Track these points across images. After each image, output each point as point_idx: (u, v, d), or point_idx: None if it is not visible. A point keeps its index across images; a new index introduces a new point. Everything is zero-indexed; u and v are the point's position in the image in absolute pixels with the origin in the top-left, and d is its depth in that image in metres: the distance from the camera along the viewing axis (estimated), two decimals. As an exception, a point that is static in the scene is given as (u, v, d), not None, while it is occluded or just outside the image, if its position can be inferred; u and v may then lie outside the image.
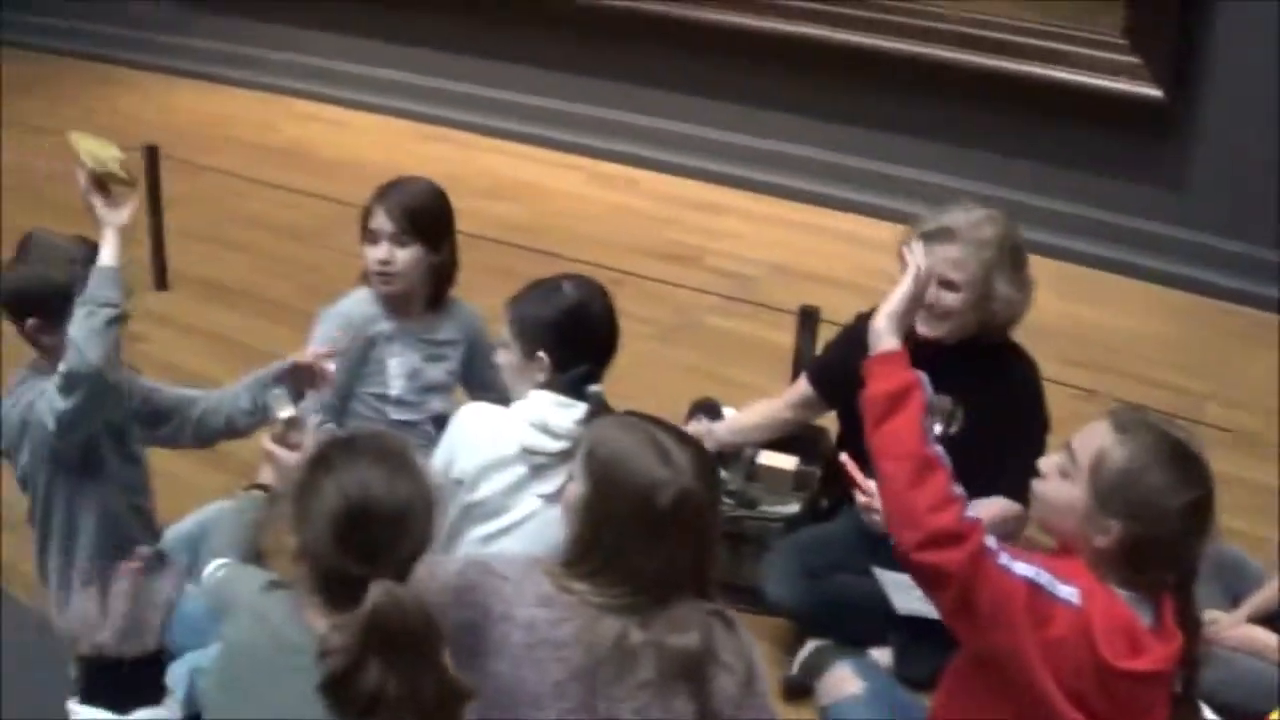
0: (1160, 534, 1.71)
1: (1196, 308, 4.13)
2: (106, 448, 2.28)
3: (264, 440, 2.08)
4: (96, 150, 2.19)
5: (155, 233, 3.90)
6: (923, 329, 2.39)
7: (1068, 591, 1.69)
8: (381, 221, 2.52)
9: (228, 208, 4.59)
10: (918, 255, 1.98)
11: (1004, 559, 1.71)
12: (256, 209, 4.60)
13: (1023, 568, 1.70)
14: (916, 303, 2.00)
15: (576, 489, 1.74)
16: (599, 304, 2.26)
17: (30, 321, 2.20)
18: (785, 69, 4.66)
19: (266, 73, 5.93)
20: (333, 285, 3.74)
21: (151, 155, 3.91)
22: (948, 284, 2.41)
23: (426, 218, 2.56)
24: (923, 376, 1.87)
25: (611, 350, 2.28)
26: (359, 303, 2.59)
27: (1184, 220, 4.20)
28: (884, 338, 1.90)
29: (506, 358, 2.27)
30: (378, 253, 2.52)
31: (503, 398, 2.29)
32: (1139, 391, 3.35)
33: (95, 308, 2.08)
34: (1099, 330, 3.88)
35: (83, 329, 2.07)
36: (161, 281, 3.92)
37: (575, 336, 2.21)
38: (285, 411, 2.10)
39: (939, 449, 1.82)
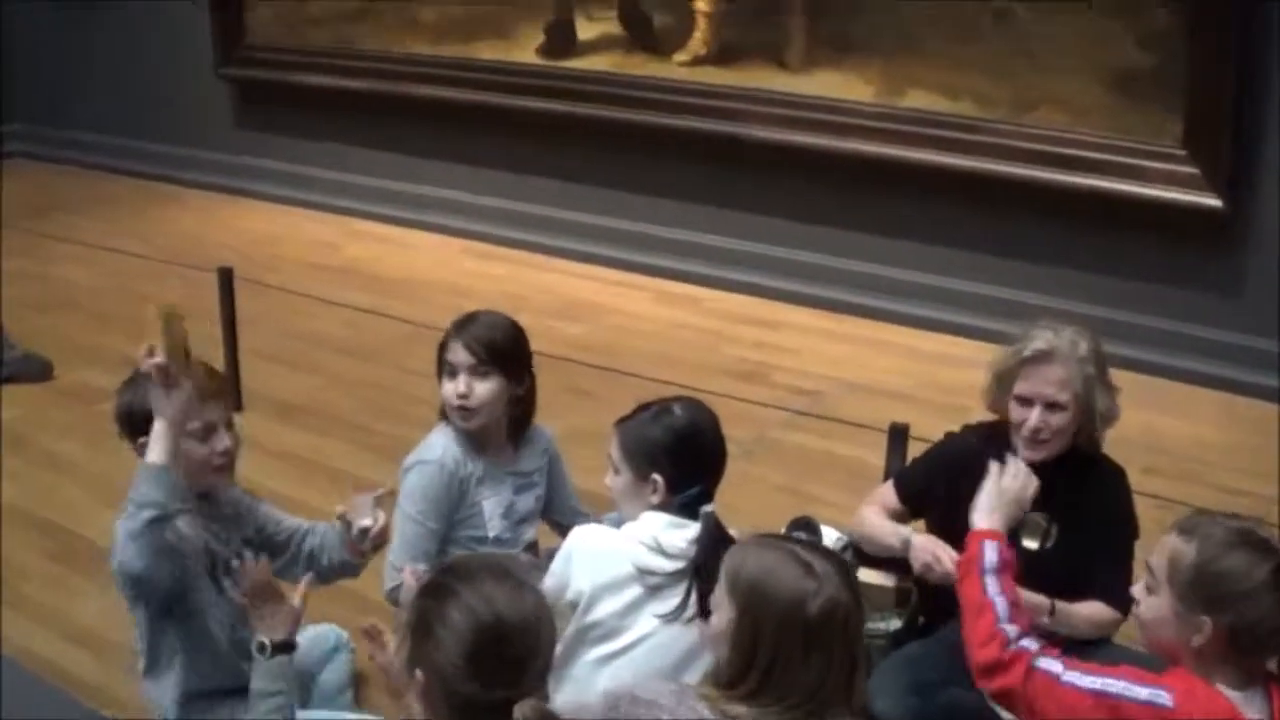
0: (1249, 614, 1.73)
1: (1262, 413, 4.08)
2: (197, 587, 2.23)
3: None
4: (172, 333, 2.14)
5: (230, 353, 3.92)
6: (1028, 454, 2.36)
7: (1150, 693, 1.73)
8: (459, 354, 2.49)
9: (293, 326, 4.62)
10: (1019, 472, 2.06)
11: (1068, 675, 1.81)
12: (321, 328, 4.62)
13: (1090, 680, 1.78)
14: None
15: (724, 616, 1.73)
16: (709, 425, 2.25)
17: (141, 441, 2.19)
18: (841, 185, 4.70)
19: (325, 192, 6.00)
20: (400, 404, 3.80)
21: (225, 278, 3.95)
22: (1053, 406, 2.38)
23: (504, 349, 2.52)
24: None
25: (722, 470, 2.27)
26: (445, 450, 2.52)
27: (1246, 326, 4.18)
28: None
29: (617, 480, 2.24)
30: (456, 386, 2.49)
31: (576, 516, 2.27)
32: (1209, 497, 3.32)
33: (136, 508, 2.04)
34: (1167, 438, 3.86)
35: (123, 529, 2.04)
36: (237, 401, 3.93)
37: (687, 457, 2.20)
38: None
39: (993, 589, 1.97)
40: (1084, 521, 2.41)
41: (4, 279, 4.73)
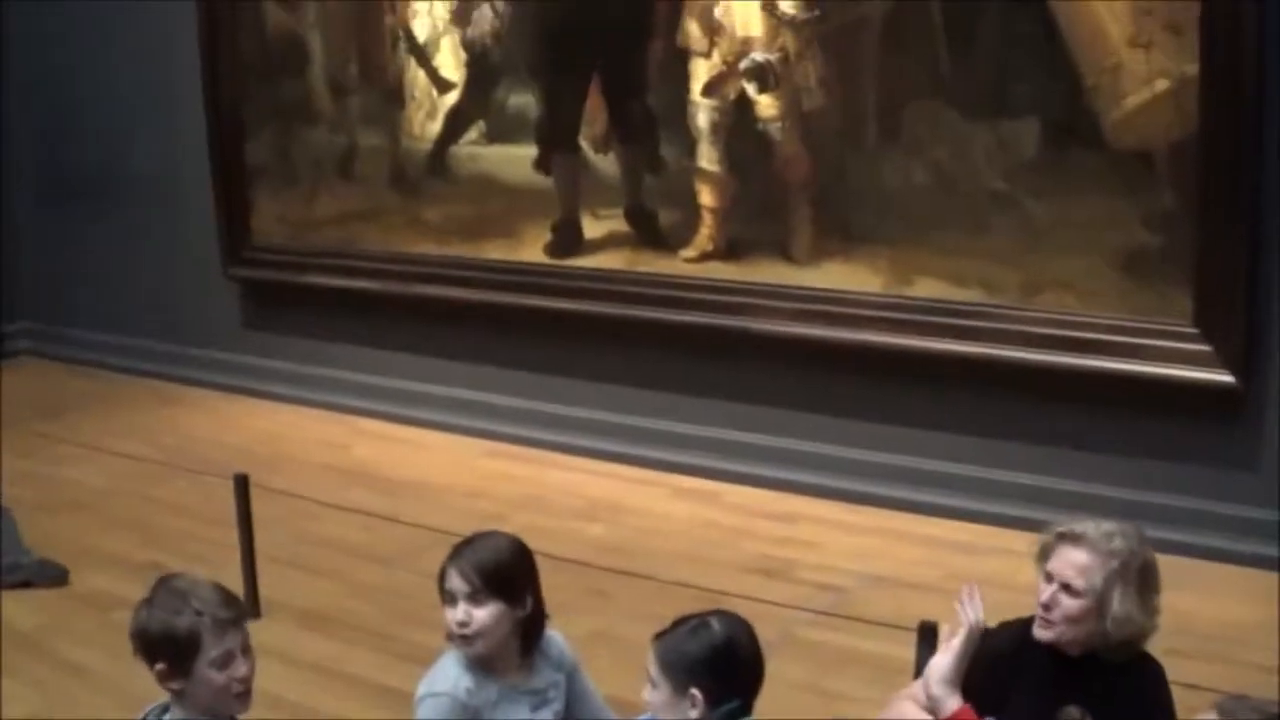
0: None
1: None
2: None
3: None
4: None
5: (248, 561, 3.89)
6: (1038, 630, 2.40)
7: None
8: (455, 582, 2.46)
9: (306, 531, 4.59)
10: (972, 610, 2.02)
11: None
12: (334, 532, 4.59)
13: None
14: (967, 660, 2.04)
15: None
16: (746, 638, 2.25)
17: (158, 666, 2.17)
18: (853, 376, 4.70)
19: (334, 392, 6.01)
20: (422, 610, 3.75)
21: (241, 485, 3.95)
22: (1068, 588, 2.39)
23: (503, 573, 2.47)
24: None
25: (760, 682, 2.27)
26: (456, 680, 2.48)
27: (1265, 500, 4.15)
28: (945, 702, 1.94)
29: (655, 695, 2.23)
30: (455, 614, 2.45)
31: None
32: (1241, 678, 3.26)
33: None
34: (1191, 617, 3.79)
35: None
36: (255, 610, 3.89)
37: (726, 672, 2.20)
38: None
39: None
40: (1120, 716, 2.39)
41: (12, 481, 4.70)
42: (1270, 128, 3.95)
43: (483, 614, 2.44)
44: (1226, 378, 4.08)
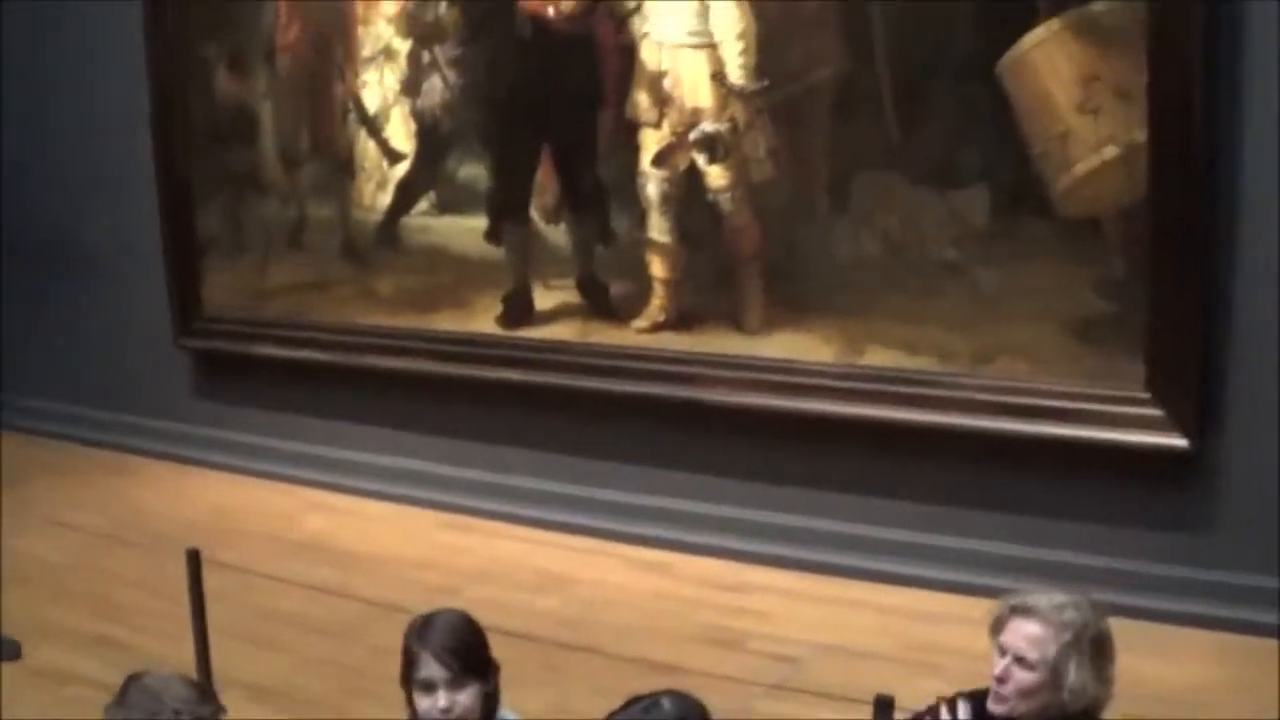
0: None
1: (1245, 647, 4.04)
2: None
3: None
4: None
5: (200, 637, 3.83)
6: (992, 705, 2.41)
7: None
8: (433, 670, 2.42)
9: (258, 605, 4.52)
10: None
11: None
12: (286, 606, 4.53)
13: None
14: None
15: None
16: (698, 717, 2.21)
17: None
18: (805, 445, 4.69)
19: (285, 463, 5.95)
20: (372, 685, 3.72)
21: (193, 560, 3.89)
22: (1021, 660, 2.39)
23: (474, 653, 2.46)
24: None
25: (712, 761, 2.22)
26: None
27: (1220, 562, 4.17)
28: None
29: None
30: (437, 702, 2.41)
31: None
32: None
33: None
34: (1152, 681, 3.79)
35: None
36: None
37: (680, 751, 2.14)
38: None
39: None
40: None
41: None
42: (1219, 193, 3.98)
43: (464, 697, 2.42)
44: (1179, 441, 4.09)
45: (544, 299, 5.16)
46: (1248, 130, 3.94)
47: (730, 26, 4.55)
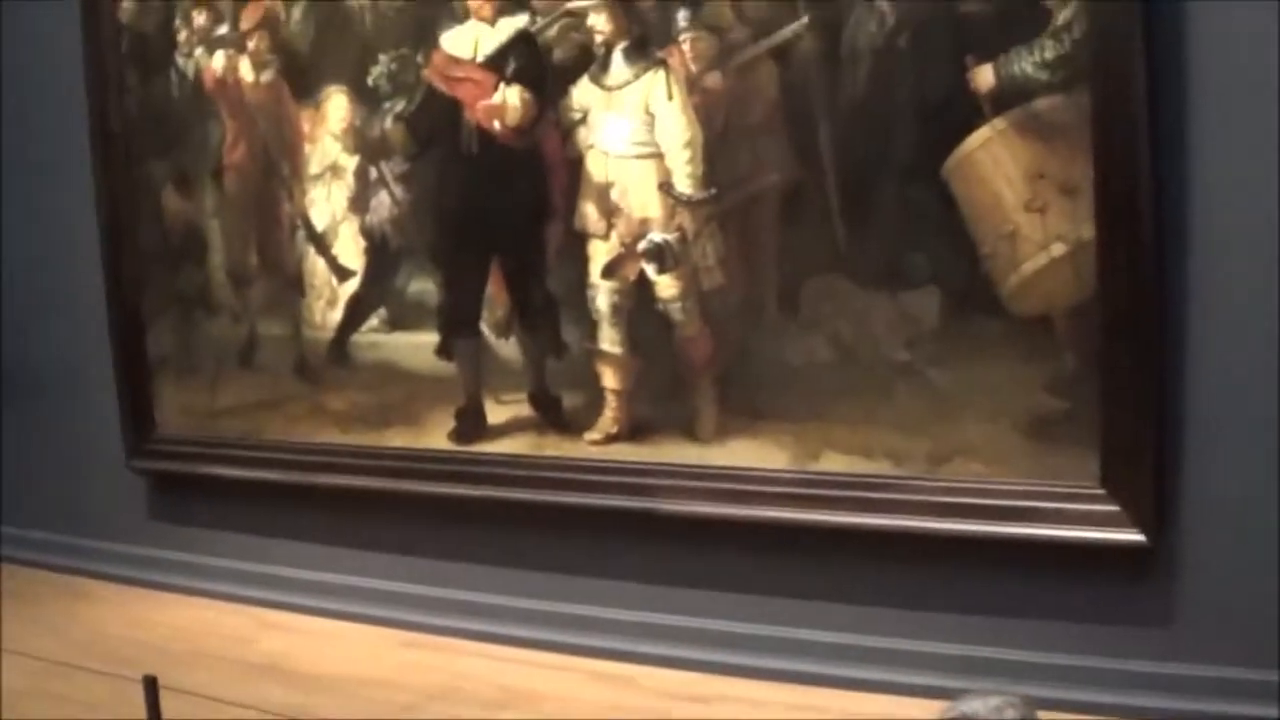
0: None
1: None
2: None
3: None
4: None
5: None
6: None
7: None
8: None
9: (216, 732, 4.45)
10: None
11: None
12: (248, 733, 4.46)
13: None
14: None
15: None
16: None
17: None
18: (762, 553, 4.65)
19: (242, 584, 5.86)
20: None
21: (150, 687, 3.82)
22: None
23: None
24: None
25: None
26: None
27: (1179, 655, 4.11)
28: None
29: None
30: None
31: None
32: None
33: None
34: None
35: None
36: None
37: None
38: None
39: None
40: None
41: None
42: (1169, 287, 3.98)
43: None
44: (1136, 536, 4.06)
45: (497, 413, 5.12)
46: (1196, 223, 3.95)
47: (676, 136, 4.56)
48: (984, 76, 4.10)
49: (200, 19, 5.70)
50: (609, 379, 4.84)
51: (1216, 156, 3.91)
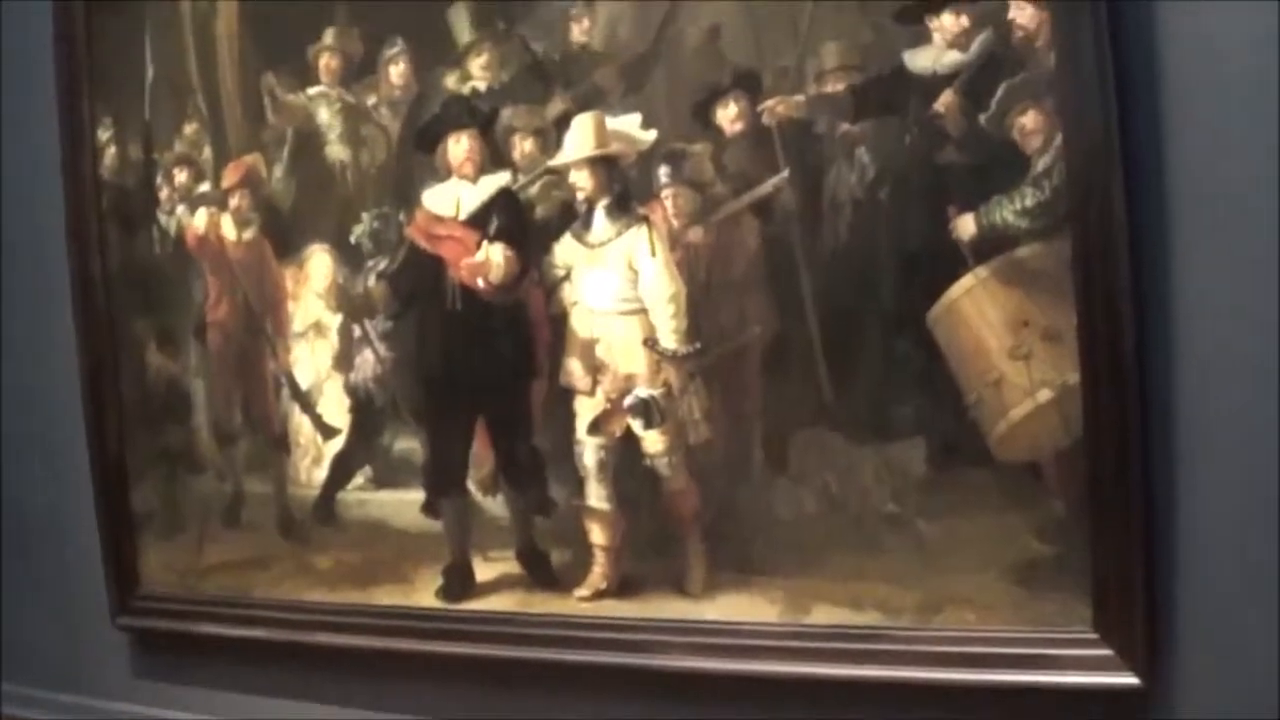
0: None
1: None
2: None
3: None
4: None
5: None
6: None
7: None
8: None
9: None
10: None
11: None
12: None
13: None
14: None
15: None
16: None
17: None
18: (753, 707, 4.59)
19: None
20: None
21: None
22: None
23: None
24: None
25: None
26: None
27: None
28: None
29: None
30: None
31: None
32: None
33: None
34: None
35: None
36: None
37: None
38: None
39: None
40: None
41: None
42: (1155, 430, 3.97)
43: None
44: (1130, 679, 4.01)
45: (484, 570, 5.08)
46: (1180, 364, 3.95)
47: (660, 292, 4.58)
48: (965, 225, 4.13)
49: (182, 176, 5.75)
50: (597, 535, 4.81)
51: (1200, 298, 3.91)
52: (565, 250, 4.78)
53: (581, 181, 4.67)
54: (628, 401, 4.66)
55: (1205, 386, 3.96)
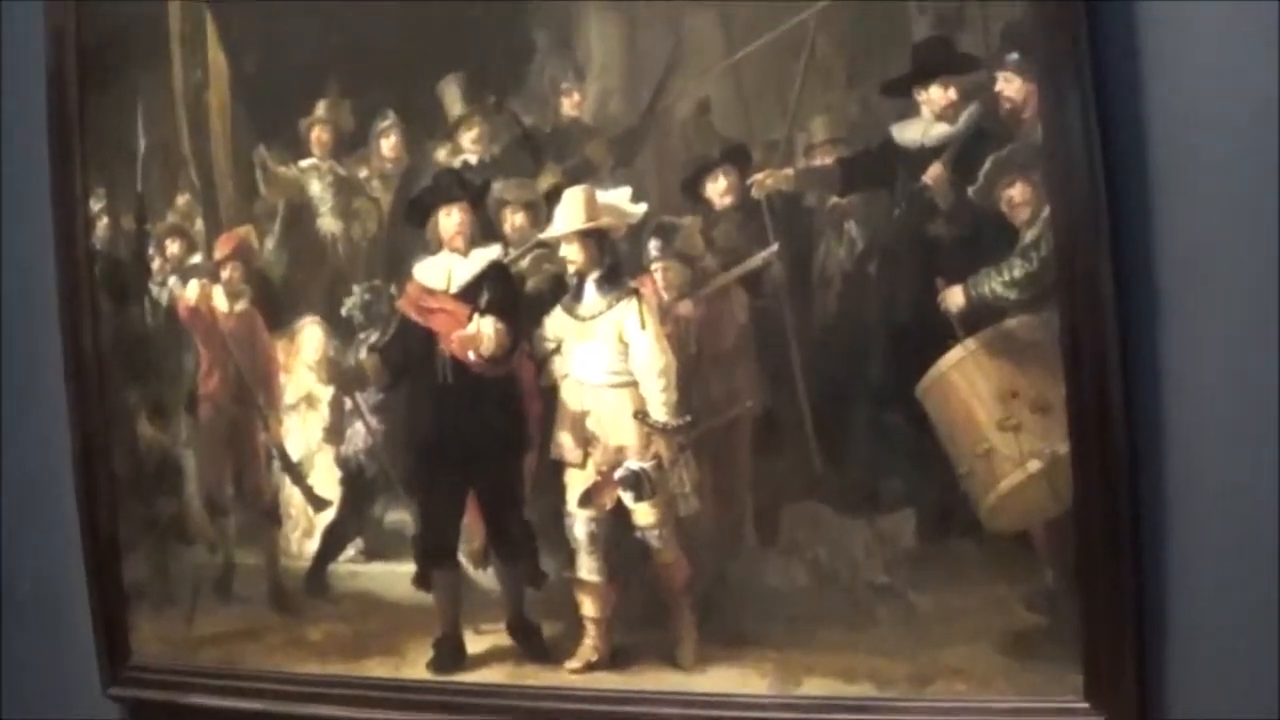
0: None
1: None
2: None
3: None
4: None
5: None
6: None
7: None
8: None
9: None
10: None
11: None
12: None
13: None
14: None
15: None
16: None
17: None
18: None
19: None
20: None
21: None
22: None
23: None
24: None
25: None
26: None
27: None
28: None
29: None
30: None
31: None
32: None
33: None
34: None
35: None
36: None
37: None
38: None
39: None
40: None
41: None
42: (1145, 499, 3.99)
43: None
44: (1123, 747, 4.05)
45: (476, 643, 5.06)
46: (1169, 434, 3.97)
47: (650, 364, 4.60)
48: (954, 297, 4.16)
49: (174, 247, 5.75)
50: (588, 607, 4.80)
51: (1188, 367, 3.94)
52: (556, 323, 4.79)
53: (572, 255, 4.69)
54: (618, 474, 4.67)
55: (1194, 456, 3.98)
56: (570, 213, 4.68)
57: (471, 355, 4.88)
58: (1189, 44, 3.86)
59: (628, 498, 4.66)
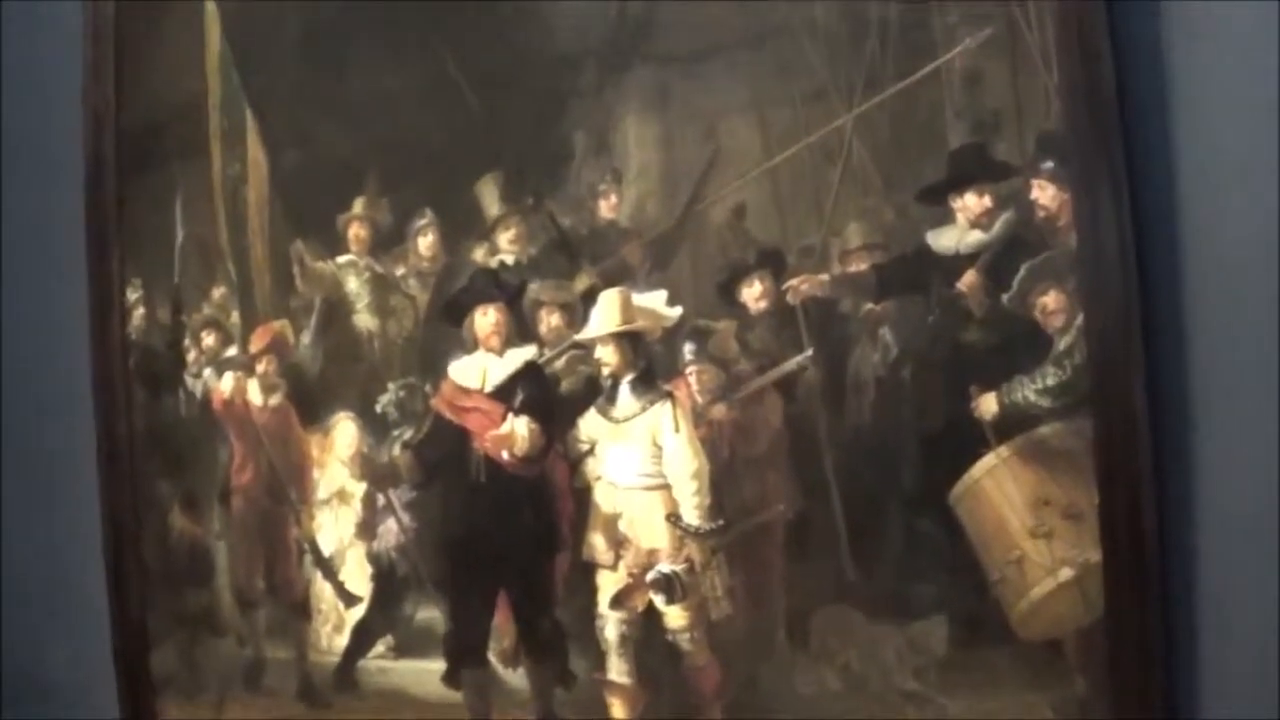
0: None
1: None
2: None
3: None
4: None
5: None
6: None
7: None
8: None
9: None
10: None
11: None
12: None
13: None
14: None
15: None
16: None
17: None
18: None
19: None
20: None
21: None
22: None
23: None
24: None
25: None
26: None
27: None
28: None
29: None
30: None
31: None
32: None
33: None
34: None
35: None
36: None
37: None
38: None
39: None
40: None
41: None
42: (1175, 608, 3.97)
43: None
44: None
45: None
46: (1202, 544, 3.97)
47: (683, 468, 4.60)
48: (988, 404, 4.17)
49: (209, 339, 5.79)
50: (618, 709, 4.78)
51: (1222, 477, 3.94)
52: (590, 424, 4.81)
53: (607, 356, 4.71)
54: (650, 576, 4.66)
55: (1227, 567, 3.97)
56: (606, 315, 4.70)
57: (505, 455, 4.90)
58: (1223, 154, 3.87)
59: (659, 600, 4.66)
